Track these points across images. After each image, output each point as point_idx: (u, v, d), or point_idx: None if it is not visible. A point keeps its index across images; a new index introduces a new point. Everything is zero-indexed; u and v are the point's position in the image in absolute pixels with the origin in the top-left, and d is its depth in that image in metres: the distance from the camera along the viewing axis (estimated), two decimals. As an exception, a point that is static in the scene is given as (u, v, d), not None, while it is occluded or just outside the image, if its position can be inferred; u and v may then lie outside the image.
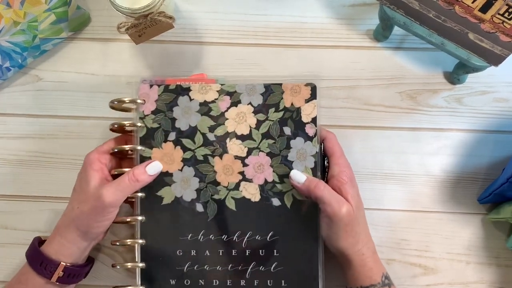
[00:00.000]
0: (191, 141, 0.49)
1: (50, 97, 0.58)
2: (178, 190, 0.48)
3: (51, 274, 0.45)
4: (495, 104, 0.58)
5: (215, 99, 0.50)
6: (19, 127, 0.58)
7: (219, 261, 0.48)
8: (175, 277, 0.48)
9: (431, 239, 0.55)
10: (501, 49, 0.47)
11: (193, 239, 0.48)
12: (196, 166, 0.49)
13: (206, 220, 0.48)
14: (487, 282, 0.54)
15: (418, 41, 0.57)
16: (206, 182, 0.49)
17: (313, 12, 0.60)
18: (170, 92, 0.50)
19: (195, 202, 0.48)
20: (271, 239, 0.48)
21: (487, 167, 0.56)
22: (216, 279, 0.48)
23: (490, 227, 0.55)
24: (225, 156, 0.49)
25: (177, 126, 0.49)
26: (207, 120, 0.49)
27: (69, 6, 0.56)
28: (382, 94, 0.58)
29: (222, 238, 0.48)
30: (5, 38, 0.53)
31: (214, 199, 0.48)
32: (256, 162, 0.49)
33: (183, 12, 0.61)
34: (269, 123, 0.49)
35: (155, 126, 0.49)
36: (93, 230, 0.46)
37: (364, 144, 0.57)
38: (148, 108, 0.49)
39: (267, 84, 0.50)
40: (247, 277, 0.48)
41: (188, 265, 0.48)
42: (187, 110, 0.49)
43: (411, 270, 0.54)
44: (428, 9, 0.49)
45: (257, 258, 0.48)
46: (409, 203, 0.56)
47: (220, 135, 0.49)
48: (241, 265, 0.48)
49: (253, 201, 0.48)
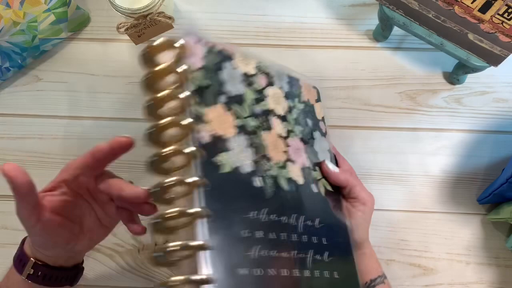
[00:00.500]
0: (241, 108, 0.43)
1: (50, 97, 0.58)
2: (236, 159, 0.40)
3: (24, 270, 0.42)
4: (495, 104, 0.58)
5: (254, 74, 0.46)
6: (19, 127, 0.58)
7: (284, 246, 0.40)
8: (244, 265, 0.36)
9: (431, 239, 0.55)
10: (500, 49, 0.47)
11: (255, 218, 0.39)
12: (248, 136, 0.42)
13: (264, 197, 0.41)
14: (487, 282, 0.54)
15: (417, 41, 0.57)
16: (261, 155, 0.42)
17: (313, 12, 0.60)
18: (216, 54, 0.43)
19: (252, 176, 0.41)
20: (319, 226, 0.44)
21: (487, 167, 0.56)
22: (285, 269, 0.38)
23: (489, 227, 0.55)
24: (271, 132, 0.44)
25: (225, 90, 0.42)
26: (252, 92, 0.44)
27: (69, 6, 0.56)
28: (381, 94, 0.58)
29: (281, 219, 0.41)
30: (5, 38, 0.53)
31: (270, 174, 0.42)
32: (294, 145, 0.46)
33: (182, 12, 0.61)
34: (297, 111, 0.48)
35: (205, 84, 0.41)
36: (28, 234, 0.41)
37: (364, 144, 0.57)
38: (196, 63, 0.41)
39: (290, 75, 0.49)
40: (309, 266, 0.40)
41: (257, 250, 0.37)
42: (232, 77, 0.44)
43: (411, 270, 0.54)
44: (428, 9, 0.49)
45: (313, 246, 0.42)
46: (408, 203, 0.56)
47: (263, 110, 0.44)
48: (302, 252, 0.41)
49: (299, 184, 0.44)
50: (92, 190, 0.42)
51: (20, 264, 0.42)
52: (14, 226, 0.56)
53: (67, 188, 0.40)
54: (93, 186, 0.41)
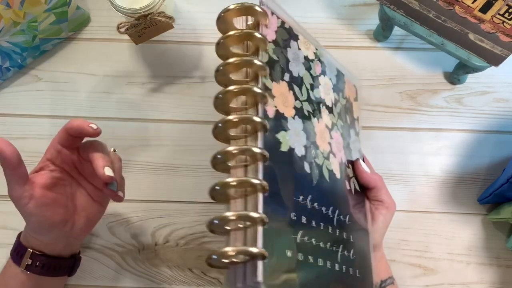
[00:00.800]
0: (300, 91, 0.41)
1: (50, 97, 0.58)
2: (293, 140, 0.38)
3: (21, 261, 0.42)
4: (495, 104, 0.58)
5: (313, 60, 0.44)
6: (19, 127, 0.58)
7: (322, 236, 0.38)
8: (291, 247, 0.34)
9: (431, 240, 0.55)
10: (501, 49, 0.47)
11: (303, 202, 0.38)
12: (303, 120, 0.40)
13: (311, 184, 0.39)
14: (488, 283, 0.54)
15: (418, 41, 0.57)
16: (311, 141, 0.41)
17: (313, 12, 0.60)
18: (285, 30, 0.41)
19: (303, 160, 0.39)
20: (349, 223, 0.43)
21: (487, 167, 0.56)
22: (321, 258, 0.37)
23: (490, 227, 0.55)
24: (321, 121, 0.43)
25: (290, 69, 0.41)
26: (309, 77, 0.43)
27: (69, 6, 0.56)
28: (382, 94, 0.58)
29: (322, 209, 0.39)
30: (5, 38, 0.53)
31: (316, 162, 0.41)
32: (336, 139, 0.45)
33: (182, 12, 0.60)
34: (340, 105, 0.48)
35: (275, 58, 0.39)
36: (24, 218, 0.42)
37: (364, 144, 0.57)
38: (270, 35, 0.39)
39: (338, 69, 0.49)
40: (339, 261, 0.39)
41: (301, 235, 0.36)
42: (296, 57, 0.42)
43: (411, 271, 0.54)
44: (428, 9, 0.49)
45: (343, 241, 0.41)
46: (409, 203, 0.56)
47: (317, 97, 0.43)
48: (335, 246, 0.40)
49: (337, 178, 0.43)
50: (77, 164, 0.43)
51: (17, 256, 0.43)
52: (14, 226, 0.56)
53: (53, 166, 0.42)
54: (77, 159, 0.43)
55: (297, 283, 0.34)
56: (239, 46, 0.36)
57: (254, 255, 0.29)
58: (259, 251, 0.29)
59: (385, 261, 0.49)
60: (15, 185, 0.39)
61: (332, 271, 0.38)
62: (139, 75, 0.59)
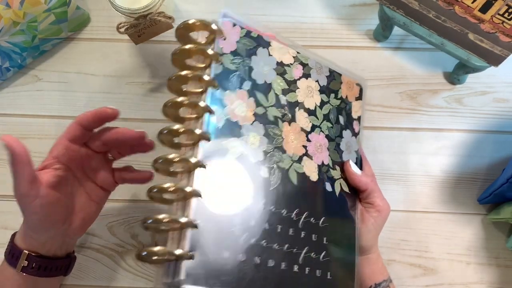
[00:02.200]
0: (264, 97, 0.43)
1: (50, 97, 0.58)
2: (246, 147, 0.40)
3: (17, 263, 0.42)
4: (495, 104, 0.58)
5: (290, 64, 0.46)
6: (19, 127, 0.58)
7: (277, 238, 0.40)
8: (229, 248, 0.37)
9: (431, 240, 0.55)
10: (501, 49, 0.47)
11: (253, 206, 0.39)
12: (266, 126, 0.42)
13: (268, 188, 0.41)
14: (487, 283, 0.54)
15: (418, 41, 0.57)
16: (274, 146, 0.42)
17: (313, 12, 0.60)
18: (252, 39, 0.44)
19: (260, 165, 0.41)
20: (323, 225, 0.43)
21: (487, 167, 0.56)
22: (272, 259, 0.39)
23: (490, 227, 0.55)
24: (293, 125, 0.44)
25: (253, 77, 0.43)
26: (282, 82, 0.45)
27: (69, 6, 0.56)
28: (382, 94, 0.58)
29: (281, 212, 0.41)
30: (5, 38, 0.53)
31: (279, 166, 0.42)
32: (317, 141, 0.46)
33: (182, 12, 0.60)
34: (330, 107, 0.48)
35: (232, 68, 0.42)
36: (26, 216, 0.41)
37: (364, 144, 0.57)
38: (227, 47, 0.42)
39: (331, 69, 0.49)
40: (300, 263, 0.40)
41: (245, 237, 0.38)
42: (264, 64, 0.44)
43: (411, 271, 0.54)
44: (428, 9, 0.49)
45: (310, 243, 0.42)
46: (409, 203, 0.56)
47: (291, 101, 0.45)
48: (296, 247, 0.41)
49: (311, 180, 0.44)
50: (85, 159, 0.44)
51: (12, 258, 0.43)
52: (14, 226, 0.55)
53: (59, 164, 0.42)
54: (85, 153, 0.43)
55: (234, 281, 0.36)
56: (193, 59, 0.40)
57: (179, 256, 0.34)
58: (183, 252, 0.34)
59: (381, 263, 0.48)
60: (22, 182, 0.39)
61: (288, 272, 0.39)
62: (139, 75, 0.59)
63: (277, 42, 0.46)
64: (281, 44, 0.46)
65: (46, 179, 0.41)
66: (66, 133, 0.42)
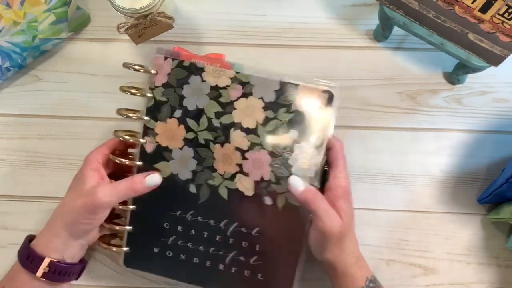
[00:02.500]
0: (195, 123, 0.48)
1: (50, 97, 0.58)
2: (175, 168, 0.48)
3: (37, 269, 0.44)
4: (495, 104, 0.58)
5: (227, 86, 0.48)
6: (19, 127, 0.58)
7: (203, 242, 0.49)
8: (159, 246, 0.49)
9: (431, 239, 0.55)
10: (501, 49, 0.47)
11: (181, 216, 0.49)
12: (196, 149, 0.48)
13: (197, 201, 0.49)
14: (487, 283, 0.54)
15: (418, 41, 0.57)
16: (204, 166, 0.48)
17: (313, 12, 0.60)
18: (183, 68, 0.49)
19: (189, 183, 0.48)
20: (256, 234, 0.48)
21: (487, 167, 0.56)
22: (197, 258, 0.49)
23: (490, 227, 0.55)
24: (226, 145, 0.48)
25: (184, 105, 0.48)
26: (215, 106, 0.48)
27: (69, 6, 0.56)
28: (382, 94, 0.58)
29: (209, 222, 0.49)
30: (5, 38, 0.53)
31: (208, 184, 0.48)
32: (255, 158, 0.48)
33: (182, 12, 0.61)
34: (277, 123, 0.48)
35: (163, 100, 0.49)
36: (79, 226, 0.45)
37: (364, 144, 0.57)
38: (159, 80, 0.49)
39: (283, 82, 0.48)
40: (226, 263, 0.49)
41: (173, 239, 0.49)
42: (197, 91, 0.48)
43: (411, 271, 0.54)
44: (428, 9, 0.49)
45: (239, 248, 0.49)
46: (409, 203, 0.56)
47: (225, 123, 0.48)
48: (223, 251, 0.49)
49: (246, 195, 0.48)
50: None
51: (32, 264, 0.45)
52: (14, 226, 0.56)
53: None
54: None
55: (166, 269, 0.50)
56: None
57: (117, 252, 0.50)
58: (121, 249, 0.50)
59: (349, 275, 0.45)
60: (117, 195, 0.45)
61: (213, 268, 0.49)
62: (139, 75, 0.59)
63: (212, 66, 0.48)
64: (218, 67, 0.48)
65: None
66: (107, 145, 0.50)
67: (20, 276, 0.45)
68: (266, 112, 0.48)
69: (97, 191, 0.44)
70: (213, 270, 0.49)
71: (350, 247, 0.46)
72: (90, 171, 0.46)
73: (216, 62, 0.48)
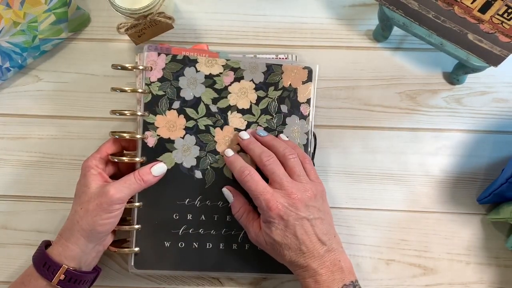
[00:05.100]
0: (194, 111, 0.51)
1: (50, 97, 0.58)
2: (179, 157, 0.50)
3: (53, 276, 0.44)
4: (495, 104, 0.58)
5: (220, 73, 0.52)
6: (19, 127, 0.58)
7: (214, 225, 0.50)
8: (170, 240, 0.50)
9: (431, 239, 0.55)
10: (500, 50, 0.47)
11: (190, 204, 0.50)
12: (198, 135, 0.51)
13: (204, 186, 0.51)
14: (487, 282, 0.54)
15: (417, 42, 0.57)
16: (206, 151, 0.51)
17: (313, 13, 0.60)
18: (178, 62, 0.51)
19: (194, 169, 0.51)
20: None
21: (487, 167, 0.56)
22: (210, 242, 0.50)
23: (489, 227, 0.55)
24: (226, 128, 0.52)
25: (182, 96, 0.51)
26: (211, 92, 0.52)
27: (69, 6, 0.56)
28: (381, 94, 0.58)
29: (218, 204, 0.51)
30: (5, 38, 0.53)
31: (213, 167, 0.51)
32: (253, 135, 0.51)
33: (182, 13, 0.61)
34: (268, 100, 0.53)
35: (160, 94, 0.51)
36: (98, 228, 0.45)
37: (363, 145, 0.57)
38: (154, 75, 0.51)
39: (269, 64, 0.53)
40: (239, 241, 0.51)
41: (184, 229, 0.50)
42: (192, 81, 0.51)
43: (411, 270, 0.54)
44: (427, 10, 0.49)
45: None
46: (408, 203, 0.56)
47: (222, 107, 0.52)
48: (234, 230, 0.51)
49: None
50: None
51: (48, 271, 0.45)
52: (14, 226, 0.56)
53: None
54: None
55: (177, 262, 0.50)
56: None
57: (128, 253, 0.50)
58: (132, 249, 0.49)
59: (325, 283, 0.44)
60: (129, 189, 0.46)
61: (227, 249, 0.50)
62: (139, 75, 0.59)
63: (205, 57, 0.52)
64: (209, 58, 0.52)
65: None
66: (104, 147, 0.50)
67: (34, 282, 0.45)
68: (258, 92, 0.53)
69: (108, 189, 0.44)
70: (226, 252, 0.50)
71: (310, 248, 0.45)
72: (92, 176, 0.46)
73: (205, 53, 0.53)
